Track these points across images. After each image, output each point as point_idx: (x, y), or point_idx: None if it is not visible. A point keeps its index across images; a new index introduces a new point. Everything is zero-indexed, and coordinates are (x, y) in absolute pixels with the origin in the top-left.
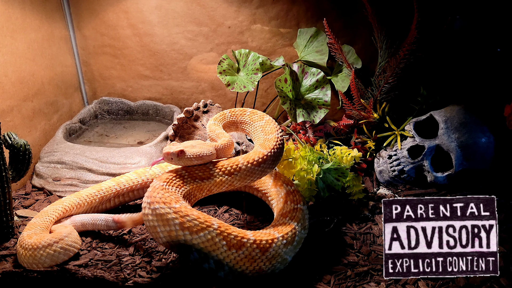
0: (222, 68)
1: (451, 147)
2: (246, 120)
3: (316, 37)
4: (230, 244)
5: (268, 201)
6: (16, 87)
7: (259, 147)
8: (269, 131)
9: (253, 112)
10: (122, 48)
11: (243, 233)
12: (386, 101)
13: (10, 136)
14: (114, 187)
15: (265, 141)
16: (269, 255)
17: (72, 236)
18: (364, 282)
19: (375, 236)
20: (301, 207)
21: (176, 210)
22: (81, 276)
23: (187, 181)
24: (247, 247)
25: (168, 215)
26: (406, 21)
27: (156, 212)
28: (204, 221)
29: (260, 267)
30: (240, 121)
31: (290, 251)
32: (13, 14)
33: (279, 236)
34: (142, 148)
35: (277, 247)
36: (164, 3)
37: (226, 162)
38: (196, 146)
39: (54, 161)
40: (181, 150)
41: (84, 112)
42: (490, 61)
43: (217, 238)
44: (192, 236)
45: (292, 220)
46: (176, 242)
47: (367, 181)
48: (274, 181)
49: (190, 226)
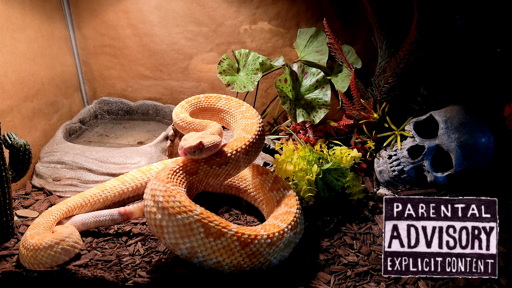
0: (222, 68)
1: (451, 147)
2: (223, 107)
3: (316, 37)
4: (209, 232)
5: (261, 207)
6: (16, 87)
7: (242, 132)
8: (250, 116)
9: (228, 99)
10: (122, 48)
11: (225, 223)
12: (386, 101)
13: (10, 136)
14: (119, 186)
15: (247, 126)
16: (249, 251)
17: (73, 236)
18: (364, 282)
19: (375, 236)
20: (294, 211)
21: (167, 190)
22: (81, 276)
23: (181, 176)
24: (227, 238)
25: (158, 192)
26: (406, 21)
27: (152, 191)
28: (188, 205)
29: (239, 262)
30: (216, 108)
31: (275, 252)
32: (13, 14)
33: (263, 234)
34: (142, 148)
35: (260, 244)
36: (164, 3)
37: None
38: (204, 137)
39: (54, 161)
40: (200, 142)
41: (84, 112)
42: (490, 61)
43: (195, 224)
44: (169, 218)
45: (282, 222)
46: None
47: (367, 181)
48: (271, 186)
49: (171, 207)
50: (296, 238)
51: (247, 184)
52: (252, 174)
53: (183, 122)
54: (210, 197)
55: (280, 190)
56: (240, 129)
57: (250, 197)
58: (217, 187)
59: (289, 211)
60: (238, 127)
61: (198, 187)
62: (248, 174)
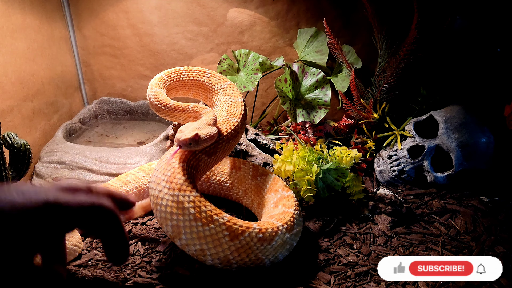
0: (222, 68)
1: (451, 147)
2: (207, 82)
3: (316, 37)
4: (198, 217)
5: (257, 211)
6: (16, 87)
7: (226, 115)
8: (233, 94)
9: (212, 74)
10: (122, 48)
11: (218, 211)
12: (386, 101)
13: (10, 136)
14: (122, 188)
15: (231, 107)
16: (238, 243)
17: (74, 239)
18: (364, 282)
19: (375, 236)
20: (291, 211)
21: (176, 167)
22: (81, 276)
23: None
24: (216, 225)
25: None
26: (406, 21)
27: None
28: (188, 185)
29: (226, 255)
30: (198, 83)
31: (267, 250)
32: (13, 14)
33: (256, 227)
34: (142, 148)
35: (250, 238)
36: (164, 3)
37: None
38: (201, 128)
39: (54, 161)
40: (196, 134)
41: (84, 112)
42: (490, 61)
43: (188, 204)
44: (167, 191)
45: (278, 221)
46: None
47: (367, 181)
48: (269, 187)
49: (174, 183)
50: (292, 240)
51: (245, 188)
52: (251, 176)
53: (160, 103)
54: (210, 197)
55: (278, 192)
56: (224, 110)
57: (245, 201)
58: (206, 188)
59: (287, 211)
60: (221, 106)
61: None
62: (247, 175)
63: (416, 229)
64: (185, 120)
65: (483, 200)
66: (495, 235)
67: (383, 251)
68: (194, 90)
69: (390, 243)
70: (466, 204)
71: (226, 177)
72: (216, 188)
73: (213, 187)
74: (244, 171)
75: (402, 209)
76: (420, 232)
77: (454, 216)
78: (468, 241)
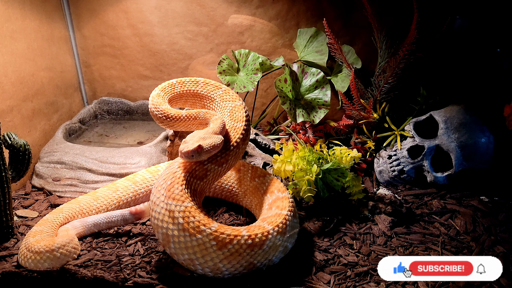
0: (222, 68)
1: (451, 147)
2: (201, 91)
3: (316, 37)
4: (186, 227)
5: (255, 211)
6: (16, 87)
7: (230, 121)
8: (231, 99)
9: (206, 82)
10: (122, 48)
11: (207, 220)
12: (386, 101)
13: (10, 136)
14: (131, 187)
15: (232, 112)
16: (226, 252)
17: (73, 242)
18: (364, 282)
19: (375, 236)
20: (284, 213)
21: (177, 176)
22: (81, 276)
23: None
24: (203, 236)
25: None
26: (406, 21)
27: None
28: (182, 195)
29: (215, 264)
30: (193, 93)
31: (258, 255)
32: (13, 14)
33: (245, 234)
34: (142, 148)
35: (239, 245)
36: (164, 3)
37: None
38: (205, 138)
39: (54, 161)
40: (198, 146)
41: (84, 112)
42: (490, 61)
43: (178, 213)
44: (163, 199)
45: (269, 224)
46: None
47: (367, 181)
48: (266, 189)
49: (170, 192)
50: (286, 241)
51: (244, 190)
52: (250, 177)
53: (164, 116)
54: (210, 197)
55: (273, 193)
56: (227, 117)
57: (244, 202)
58: (211, 191)
59: (279, 213)
60: (223, 113)
61: (204, 188)
62: (246, 177)
63: (416, 229)
64: (196, 127)
65: (483, 200)
66: (495, 235)
67: (383, 251)
68: (191, 100)
69: (390, 243)
70: (466, 204)
71: (226, 179)
72: (217, 190)
73: (213, 189)
74: (243, 172)
75: (402, 209)
76: (420, 232)
77: (454, 216)
78: (468, 241)
